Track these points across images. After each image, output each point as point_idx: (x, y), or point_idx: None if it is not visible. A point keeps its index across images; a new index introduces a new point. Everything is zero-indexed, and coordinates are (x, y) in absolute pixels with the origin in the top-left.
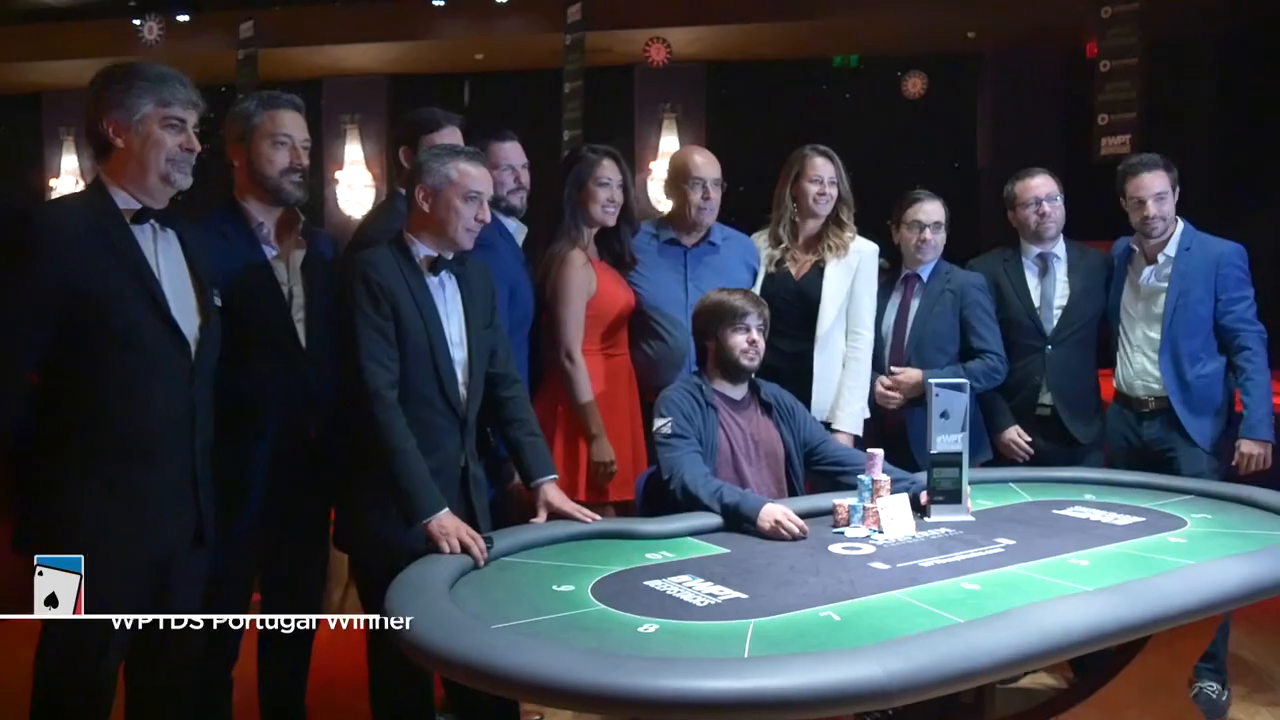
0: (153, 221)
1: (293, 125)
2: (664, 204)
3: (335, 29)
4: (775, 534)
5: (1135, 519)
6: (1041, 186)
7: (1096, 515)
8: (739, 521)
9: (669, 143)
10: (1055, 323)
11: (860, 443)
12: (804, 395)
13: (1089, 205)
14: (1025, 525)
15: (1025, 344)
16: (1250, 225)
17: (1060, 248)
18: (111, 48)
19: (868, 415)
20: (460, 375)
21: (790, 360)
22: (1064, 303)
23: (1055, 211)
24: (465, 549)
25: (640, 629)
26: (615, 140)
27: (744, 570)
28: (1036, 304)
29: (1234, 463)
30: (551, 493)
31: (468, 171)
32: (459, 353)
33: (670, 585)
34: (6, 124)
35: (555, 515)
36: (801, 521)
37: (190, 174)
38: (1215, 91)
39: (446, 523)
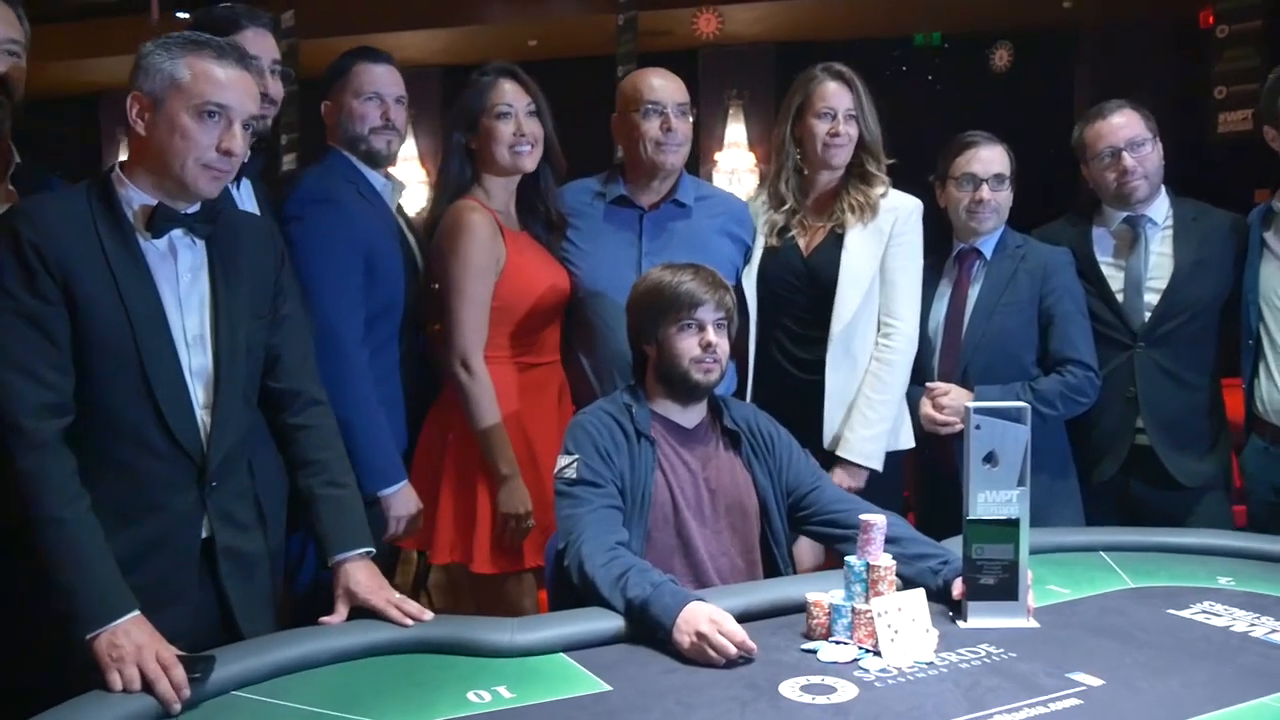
0: None
1: None
2: None
3: (381, 17)
4: (699, 655)
5: None
6: (1122, 129)
7: (1242, 623)
8: (652, 629)
9: (735, 132)
10: (1150, 313)
11: (887, 492)
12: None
13: (1205, 191)
14: (1124, 643)
15: (1106, 341)
16: None
17: (1160, 208)
18: None
19: (909, 446)
20: (199, 393)
21: (804, 369)
22: (1163, 284)
23: (1144, 163)
24: (149, 685)
25: None
26: None
27: None
28: (1119, 287)
29: None
30: (357, 575)
31: (208, 72)
32: (198, 357)
33: None
34: (66, 125)
35: (362, 610)
36: (742, 634)
37: None
38: None
39: (124, 638)
